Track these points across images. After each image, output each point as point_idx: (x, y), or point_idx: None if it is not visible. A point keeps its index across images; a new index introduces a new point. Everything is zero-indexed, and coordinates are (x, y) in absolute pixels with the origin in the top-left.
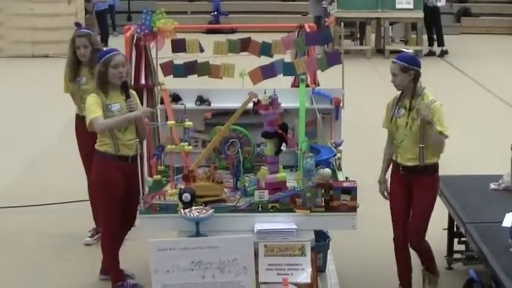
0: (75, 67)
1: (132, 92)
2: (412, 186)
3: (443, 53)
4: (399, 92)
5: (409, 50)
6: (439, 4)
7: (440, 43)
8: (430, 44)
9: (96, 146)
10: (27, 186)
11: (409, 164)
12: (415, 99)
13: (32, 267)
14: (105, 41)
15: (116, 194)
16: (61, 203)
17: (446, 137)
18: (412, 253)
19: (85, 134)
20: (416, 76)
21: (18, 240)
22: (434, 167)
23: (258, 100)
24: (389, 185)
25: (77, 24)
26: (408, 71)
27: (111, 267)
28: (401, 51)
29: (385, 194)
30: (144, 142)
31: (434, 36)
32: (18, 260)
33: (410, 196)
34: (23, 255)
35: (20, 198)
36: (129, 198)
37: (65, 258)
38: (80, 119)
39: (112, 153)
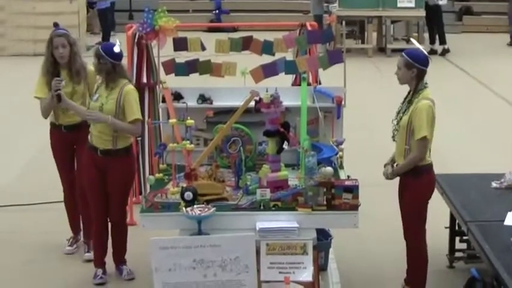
0: (52, 69)
1: (128, 91)
2: (403, 187)
3: (445, 52)
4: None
5: (422, 47)
6: (440, 2)
7: (442, 41)
8: (432, 42)
9: None
10: (26, 185)
11: (398, 162)
12: (414, 96)
13: (31, 265)
14: (106, 40)
15: (89, 184)
16: (60, 201)
17: (425, 138)
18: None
19: (60, 143)
20: (420, 75)
21: (16, 239)
22: (418, 169)
23: (260, 98)
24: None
25: (55, 25)
26: (412, 68)
27: (94, 253)
28: (412, 47)
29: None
30: (146, 140)
31: (436, 35)
32: (16, 259)
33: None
34: (22, 254)
35: (18, 196)
36: (107, 193)
37: (64, 256)
38: (55, 128)
39: (88, 141)
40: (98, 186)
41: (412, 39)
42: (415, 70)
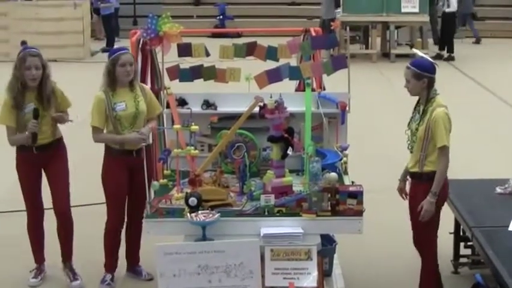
0: (21, 92)
1: (145, 87)
2: (413, 193)
3: (449, 59)
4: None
5: (425, 54)
6: (447, 10)
7: (449, 49)
8: (441, 48)
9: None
10: None
11: (412, 170)
12: (427, 106)
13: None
14: (111, 45)
15: (119, 189)
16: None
17: (445, 147)
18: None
19: (29, 165)
20: (430, 83)
21: (19, 244)
22: (430, 175)
23: (264, 104)
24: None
25: (24, 43)
26: (422, 78)
27: (106, 256)
28: (416, 56)
29: (402, 194)
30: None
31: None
32: (19, 264)
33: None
34: (25, 259)
35: (21, 202)
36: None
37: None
38: (24, 150)
39: (112, 147)
40: (126, 189)
41: (414, 49)
42: (425, 80)
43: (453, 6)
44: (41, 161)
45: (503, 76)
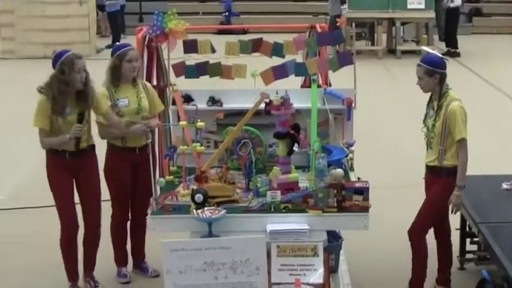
0: (63, 96)
1: (147, 84)
2: (429, 187)
3: (454, 55)
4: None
5: (433, 50)
6: (451, 5)
7: (453, 45)
8: (448, 44)
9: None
10: (39, 188)
11: (430, 164)
12: (441, 101)
13: (44, 267)
14: (117, 42)
15: (123, 187)
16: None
17: (464, 140)
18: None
19: (62, 172)
20: (442, 78)
21: (30, 242)
22: (450, 169)
23: (270, 100)
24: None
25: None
26: (434, 75)
27: (115, 251)
28: (422, 52)
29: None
30: (156, 143)
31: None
32: (30, 261)
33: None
34: (35, 256)
35: (32, 199)
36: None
37: (78, 258)
38: (57, 154)
39: (116, 145)
40: (129, 185)
41: (423, 47)
42: (437, 76)
43: (457, 1)
44: (73, 167)
45: (508, 72)
